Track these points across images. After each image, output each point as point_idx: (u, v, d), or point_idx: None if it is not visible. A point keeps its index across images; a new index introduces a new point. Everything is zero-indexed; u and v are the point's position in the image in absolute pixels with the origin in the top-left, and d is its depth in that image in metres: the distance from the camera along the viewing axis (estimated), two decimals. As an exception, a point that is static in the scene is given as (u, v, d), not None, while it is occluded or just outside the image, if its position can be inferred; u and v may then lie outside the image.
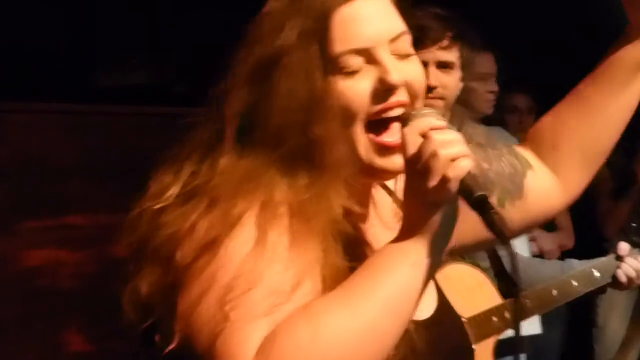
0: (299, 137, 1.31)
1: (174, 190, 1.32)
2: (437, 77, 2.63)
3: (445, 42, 2.65)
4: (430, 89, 2.55)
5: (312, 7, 1.33)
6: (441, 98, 2.66)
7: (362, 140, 1.34)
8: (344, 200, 1.34)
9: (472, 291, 2.78)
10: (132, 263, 1.36)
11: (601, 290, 2.87)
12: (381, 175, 1.40)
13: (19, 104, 3.59)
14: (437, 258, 1.29)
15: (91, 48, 4.70)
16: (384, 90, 1.31)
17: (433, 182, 1.24)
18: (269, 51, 1.33)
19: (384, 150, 1.35)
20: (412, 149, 1.26)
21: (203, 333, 1.24)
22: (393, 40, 1.32)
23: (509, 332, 2.73)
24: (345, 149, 1.33)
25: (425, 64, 2.50)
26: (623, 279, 2.74)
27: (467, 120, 2.87)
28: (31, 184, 3.45)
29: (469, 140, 1.44)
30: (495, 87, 3.78)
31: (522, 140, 3.59)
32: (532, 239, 4.16)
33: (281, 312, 1.23)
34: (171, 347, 1.27)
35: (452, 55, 2.67)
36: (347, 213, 1.35)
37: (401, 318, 1.26)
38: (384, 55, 1.32)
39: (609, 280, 2.78)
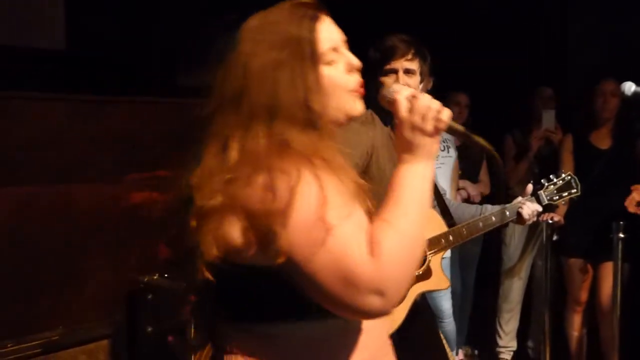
0: (306, 111, 1.48)
1: (234, 159, 1.45)
2: (405, 80, 2.83)
3: (409, 56, 2.87)
4: None
5: (299, 32, 1.52)
6: None
7: (347, 96, 1.58)
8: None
9: (426, 222, 2.71)
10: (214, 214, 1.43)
11: (507, 224, 3.05)
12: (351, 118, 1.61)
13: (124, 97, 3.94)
14: (433, 169, 1.55)
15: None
16: (354, 69, 1.59)
17: (430, 124, 1.53)
18: (276, 58, 1.49)
19: (360, 97, 1.60)
20: (405, 107, 1.57)
21: (315, 247, 1.37)
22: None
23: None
24: (332, 109, 1.54)
25: (396, 71, 2.85)
26: (526, 216, 2.95)
27: None
28: (133, 152, 3.86)
29: None
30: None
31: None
32: (462, 188, 4.73)
33: (356, 214, 1.43)
34: (280, 260, 1.38)
35: (414, 65, 2.88)
36: None
37: (426, 206, 1.52)
38: (344, 48, 1.61)
39: (514, 217, 2.97)
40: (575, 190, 3.10)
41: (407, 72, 2.87)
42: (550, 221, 4.39)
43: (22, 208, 3.43)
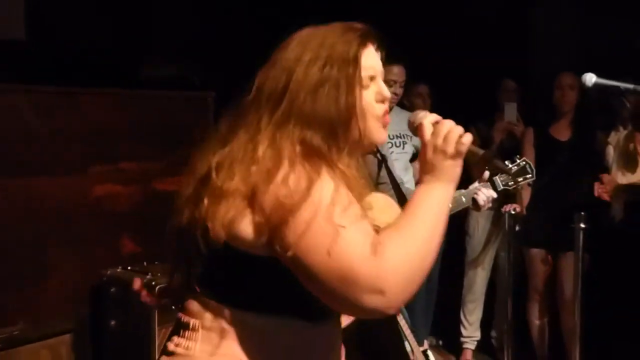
0: (342, 129, 1.55)
1: (262, 152, 1.49)
2: None
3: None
4: None
5: (347, 52, 1.57)
6: None
7: (375, 124, 1.63)
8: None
9: (384, 209, 2.77)
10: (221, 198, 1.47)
11: (465, 210, 3.00)
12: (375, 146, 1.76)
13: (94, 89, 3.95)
14: (452, 193, 1.59)
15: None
16: (384, 101, 1.64)
17: (452, 147, 1.57)
18: (323, 72, 1.54)
19: (384, 126, 1.65)
20: (429, 130, 1.61)
21: (320, 242, 1.41)
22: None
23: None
24: (360, 132, 1.58)
25: None
26: (481, 202, 2.95)
27: None
28: (97, 144, 3.91)
29: None
30: (400, 91, 4.14)
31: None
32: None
33: (363, 221, 1.46)
34: (287, 254, 1.42)
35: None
36: None
37: (441, 227, 1.53)
38: (380, 79, 1.66)
39: (470, 203, 2.96)
40: (530, 175, 3.06)
41: None
42: (513, 212, 4.39)
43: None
